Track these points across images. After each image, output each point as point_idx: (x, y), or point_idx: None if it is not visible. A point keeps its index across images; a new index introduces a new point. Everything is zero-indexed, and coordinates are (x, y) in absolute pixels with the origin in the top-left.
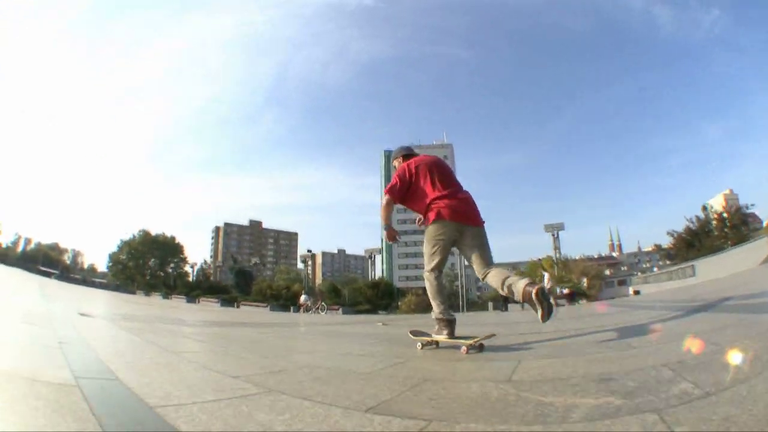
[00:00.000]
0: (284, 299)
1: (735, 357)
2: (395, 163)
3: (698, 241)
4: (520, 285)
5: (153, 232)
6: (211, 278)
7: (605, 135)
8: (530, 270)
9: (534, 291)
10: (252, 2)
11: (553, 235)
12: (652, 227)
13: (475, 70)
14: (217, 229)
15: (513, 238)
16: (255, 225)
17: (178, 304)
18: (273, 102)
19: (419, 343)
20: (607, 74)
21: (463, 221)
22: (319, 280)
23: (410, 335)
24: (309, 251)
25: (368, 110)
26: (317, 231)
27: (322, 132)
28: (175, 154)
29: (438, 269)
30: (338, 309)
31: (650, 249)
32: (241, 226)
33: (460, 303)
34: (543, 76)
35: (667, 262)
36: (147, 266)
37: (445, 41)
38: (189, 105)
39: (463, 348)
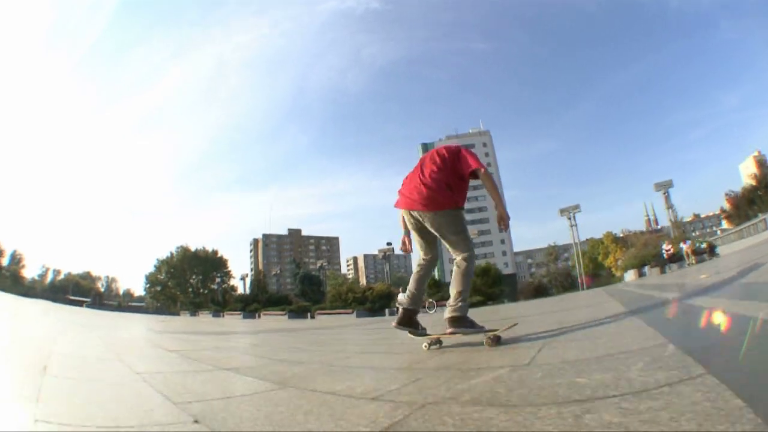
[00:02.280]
0: (371, 302)
1: None
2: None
3: (758, 197)
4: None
5: (192, 248)
6: (268, 288)
7: (626, 116)
8: (591, 248)
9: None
10: (263, 19)
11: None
12: (681, 204)
13: (493, 61)
14: (256, 241)
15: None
16: (294, 233)
17: (237, 322)
18: (296, 113)
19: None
20: (623, 54)
21: (403, 206)
22: (363, 282)
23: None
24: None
25: (391, 112)
26: (356, 235)
27: (348, 138)
28: (204, 173)
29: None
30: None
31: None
32: (280, 236)
33: None
34: (560, 62)
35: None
36: (188, 284)
37: (459, 36)
38: (214, 124)
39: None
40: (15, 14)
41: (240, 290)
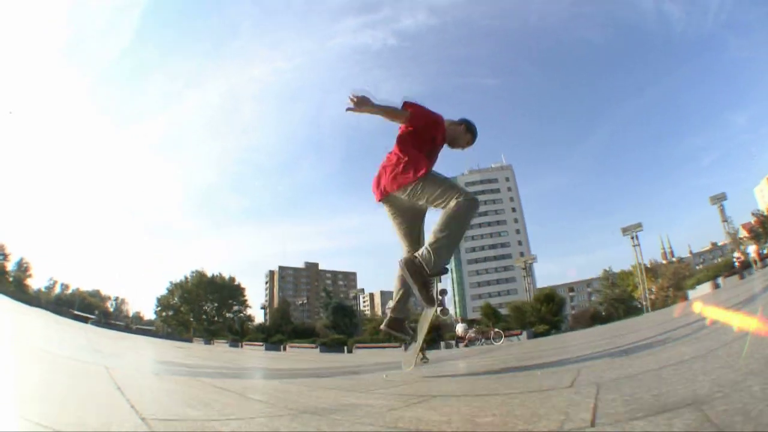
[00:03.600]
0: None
1: None
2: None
3: None
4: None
5: (208, 273)
6: (292, 319)
7: (637, 145)
8: (620, 281)
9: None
10: (277, 52)
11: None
12: (692, 231)
13: (503, 96)
14: (271, 273)
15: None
16: (311, 267)
17: (265, 354)
18: (309, 148)
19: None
20: (632, 82)
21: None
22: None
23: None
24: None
25: None
26: (372, 271)
27: (361, 174)
28: (218, 203)
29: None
30: (520, 333)
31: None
32: (296, 269)
33: None
34: (569, 94)
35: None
36: (202, 310)
37: (470, 72)
38: (227, 156)
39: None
40: (32, 29)
41: (257, 320)
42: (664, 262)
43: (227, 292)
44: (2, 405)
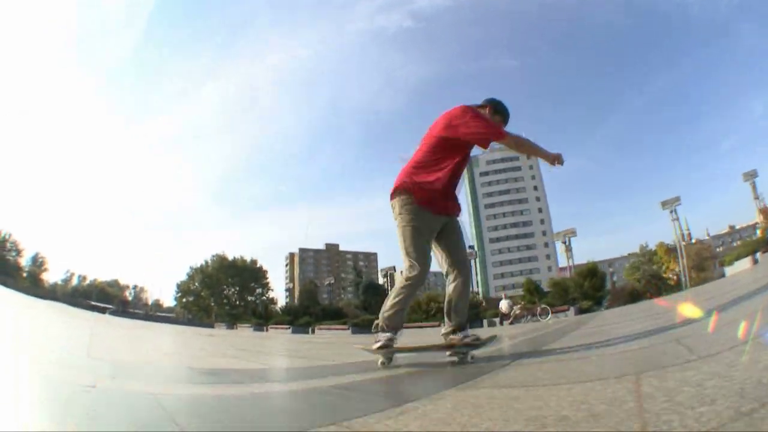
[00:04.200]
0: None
1: None
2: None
3: None
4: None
5: (229, 257)
6: (319, 300)
7: (658, 129)
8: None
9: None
10: (293, 40)
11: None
12: (711, 215)
13: (524, 78)
14: (291, 255)
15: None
16: (332, 248)
17: (312, 338)
18: (330, 133)
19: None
20: (650, 66)
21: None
22: None
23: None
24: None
25: (421, 133)
26: (393, 251)
27: (381, 158)
28: (238, 192)
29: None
30: (568, 309)
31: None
32: (317, 251)
33: None
34: (589, 77)
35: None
36: (223, 295)
37: (489, 54)
38: (248, 143)
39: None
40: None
41: (279, 303)
42: (684, 243)
43: (249, 274)
44: None
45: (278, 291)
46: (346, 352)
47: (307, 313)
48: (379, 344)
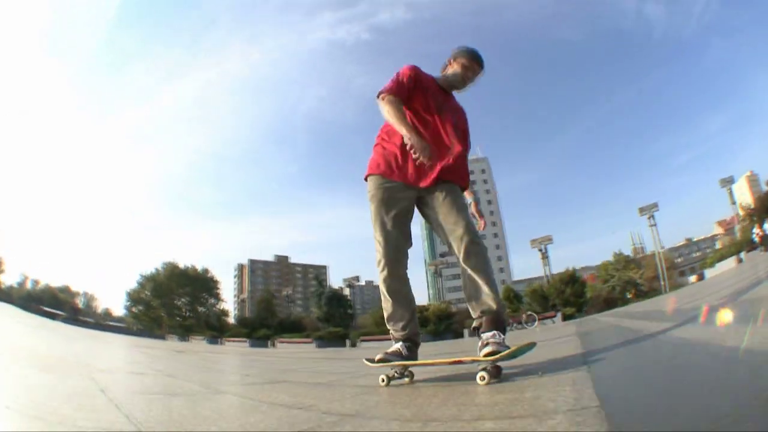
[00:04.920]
0: (433, 324)
1: None
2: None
3: None
4: None
5: (180, 265)
6: (276, 312)
7: (611, 143)
8: (603, 272)
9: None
10: (254, 46)
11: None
12: (667, 228)
13: (475, 94)
14: (241, 267)
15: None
16: (282, 260)
17: (286, 353)
18: (284, 142)
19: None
20: (609, 82)
21: None
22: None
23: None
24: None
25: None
26: (341, 265)
27: (333, 169)
28: (188, 195)
29: None
30: (555, 315)
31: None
32: (266, 262)
33: None
34: (544, 93)
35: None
36: (174, 305)
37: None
38: (201, 150)
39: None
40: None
41: (232, 315)
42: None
43: (200, 284)
44: None
45: (227, 303)
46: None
47: (264, 325)
48: (379, 356)
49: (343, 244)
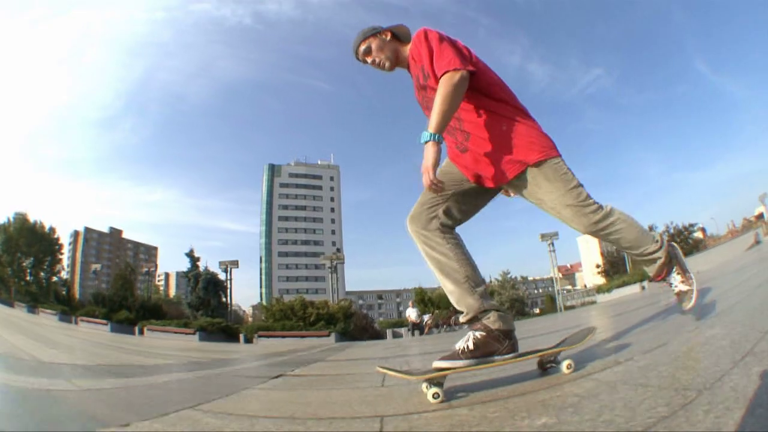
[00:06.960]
0: (328, 323)
1: None
2: (376, 44)
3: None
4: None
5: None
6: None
7: None
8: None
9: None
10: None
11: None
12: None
13: (335, 104)
14: (76, 233)
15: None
16: (115, 233)
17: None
18: (134, 108)
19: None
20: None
21: None
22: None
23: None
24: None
25: (221, 131)
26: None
27: (175, 148)
28: (32, 151)
29: None
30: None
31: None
32: (101, 233)
33: None
34: (404, 122)
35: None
36: (22, 267)
37: (308, 73)
38: (58, 98)
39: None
40: None
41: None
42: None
43: (46, 245)
44: None
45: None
46: None
47: (123, 306)
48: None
49: (174, 228)
